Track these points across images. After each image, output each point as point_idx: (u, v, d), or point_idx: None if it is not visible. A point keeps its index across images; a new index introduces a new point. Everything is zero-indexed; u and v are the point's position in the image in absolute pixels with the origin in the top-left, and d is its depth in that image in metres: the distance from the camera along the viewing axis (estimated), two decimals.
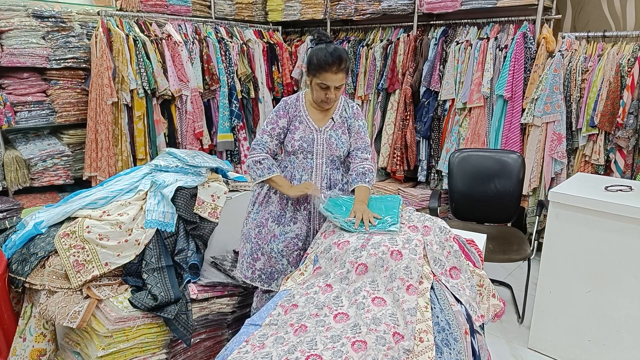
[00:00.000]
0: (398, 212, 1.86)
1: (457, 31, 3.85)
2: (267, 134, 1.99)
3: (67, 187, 3.44)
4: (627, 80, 2.98)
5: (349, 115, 2.04)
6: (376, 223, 1.78)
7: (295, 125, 1.98)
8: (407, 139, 3.96)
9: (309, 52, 1.91)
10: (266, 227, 2.03)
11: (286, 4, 4.64)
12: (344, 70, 1.85)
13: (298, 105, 2.01)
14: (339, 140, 2.00)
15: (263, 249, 2.04)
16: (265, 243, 2.03)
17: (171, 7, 3.91)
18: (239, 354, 1.26)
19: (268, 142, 1.98)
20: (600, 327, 2.26)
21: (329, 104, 1.95)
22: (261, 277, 2.06)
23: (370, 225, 1.75)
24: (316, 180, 2.00)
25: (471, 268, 1.68)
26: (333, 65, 1.81)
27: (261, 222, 2.04)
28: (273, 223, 2.02)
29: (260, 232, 2.04)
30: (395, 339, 1.26)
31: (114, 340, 1.79)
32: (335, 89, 1.88)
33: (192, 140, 3.83)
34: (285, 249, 2.01)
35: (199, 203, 2.29)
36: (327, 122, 2.00)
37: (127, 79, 3.35)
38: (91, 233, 1.96)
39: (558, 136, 3.26)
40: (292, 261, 2.02)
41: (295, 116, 1.99)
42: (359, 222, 1.76)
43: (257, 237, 2.05)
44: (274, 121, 1.99)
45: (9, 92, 3.11)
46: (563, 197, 2.28)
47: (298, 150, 1.99)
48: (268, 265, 2.04)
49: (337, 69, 1.83)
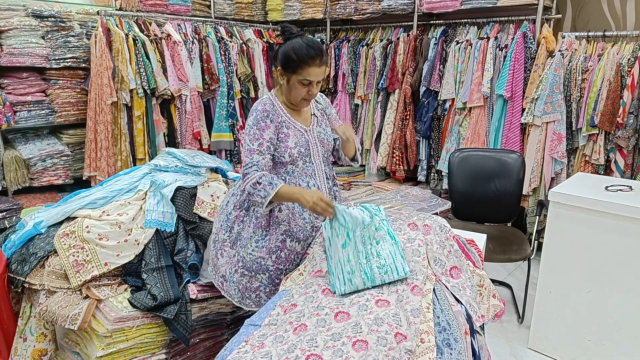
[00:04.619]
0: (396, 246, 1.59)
1: (457, 31, 3.85)
2: (257, 152, 1.72)
3: (67, 187, 3.44)
4: (627, 80, 2.98)
5: (324, 105, 1.99)
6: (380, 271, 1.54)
7: (284, 133, 1.79)
8: (407, 138, 3.96)
9: (282, 50, 1.74)
10: (284, 249, 1.82)
11: (286, 3, 4.63)
12: (326, 62, 1.75)
13: (277, 110, 1.80)
14: (327, 134, 1.93)
15: (287, 269, 1.84)
16: (289, 263, 1.84)
17: (171, 6, 3.90)
18: (239, 354, 1.26)
19: (260, 161, 1.72)
20: (600, 327, 2.26)
21: (309, 101, 1.81)
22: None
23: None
24: (321, 182, 1.90)
25: (471, 268, 1.68)
26: (316, 58, 1.69)
27: (277, 246, 1.81)
28: (293, 242, 1.82)
29: (279, 257, 1.82)
30: (397, 340, 1.26)
31: (114, 340, 1.79)
32: (317, 83, 1.74)
33: (191, 140, 3.83)
34: None
35: (198, 203, 2.28)
36: (311, 120, 1.90)
37: (127, 78, 3.34)
38: (91, 233, 1.95)
39: (558, 136, 3.25)
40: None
41: (280, 123, 1.79)
42: (342, 134, 1.75)
43: (275, 263, 1.82)
44: (258, 136, 1.73)
45: (8, 91, 3.10)
46: (563, 197, 2.28)
47: (297, 158, 1.81)
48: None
49: (321, 61, 1.70)
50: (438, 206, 2.60)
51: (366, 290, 1.51)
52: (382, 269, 1.51)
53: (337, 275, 1.55)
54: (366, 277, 1.52)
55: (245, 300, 1.88)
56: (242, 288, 1.87)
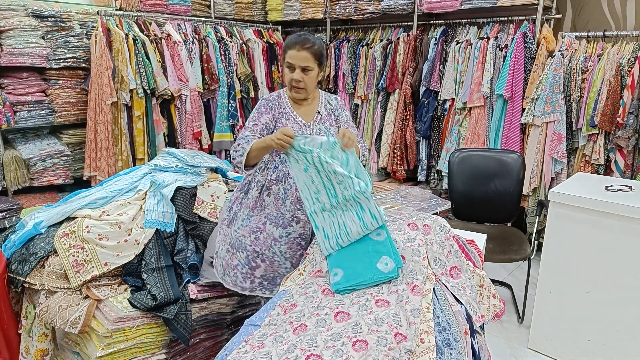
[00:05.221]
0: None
1: (457, 31, 3.85)
2: (249, 130, 1.88)
3: (67, 187, 3.44)
4: (627, 80, 2.98)
5: (334, 106, 2.02)
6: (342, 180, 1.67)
7: (282, 123, 1.92)
8: (407, 138, 3.96)
9: None
10: (264, 231, 1.92)
11: (286, 3, 4.63)
12: (309, 50, 1.83)
13: (281, 102, 1.95)
14: (328, 133, 1.95)
15: (263, 255, 1.94)
16: (266, 248, 1.93)
17: (171, 6, 3.90)
18: (239, 354, 1.26)
19: (249, 137, 1.86)
20: (600, 327, 2.26)
21: (298, 88, 1.89)
22: (262, 285, 1.98)
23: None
24: None
25: (471, 268, 1.68)
26: (297, 44, 1.83)
27: (257, 227, 1.93)
28: (271, 226, 1.92)
29: (258, 238, 1.93)
30: (397, 340, 1.26)
31: (114, 340, 1.79)
32: (302, 70, 1.84)
33: (191, 140, 3.83)
34: (288, 250, 1.93)
35: (198, 203, 2.28)
36: (314, 116, 1.96)
37: (127, 78, 3.34)
38: (91, 233, 1.95)
39: (558, 136, 3.25)
40: (295, 263, 1.95)
41: (281, 113, 1.93)
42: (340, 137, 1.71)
43: (253, 243, 1.93)
44: (255, 118, 1.91)
45: (8, 91, 3.11)
46: (563, 197, 2.28)
47: None
48: (270, 271, 1.96)
49: (301, 47, 1.83)
50: (438, 206, 2.61)
51: (366, 290, 1.51)
52: (341, 185, 1.66)
53: (306, 196, 1.73)
54: (330, 194, 1.68)
55: (226, 277, 2.03)
56: (225, 264, 2.03)
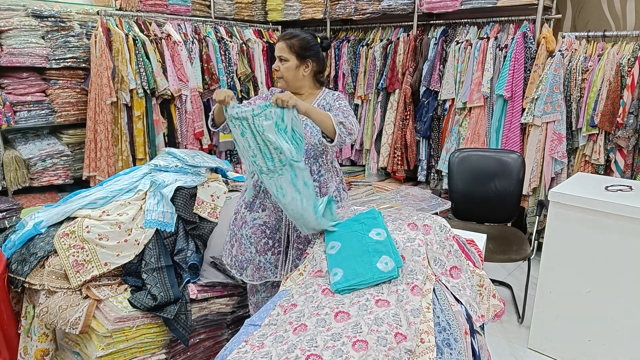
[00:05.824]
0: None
1: (457, 31, 3.85)
2: None
3: (67, 187, 3.44)
4: (627, 80, 2.98)
5: (329, 101, 2.01)
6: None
7: None
8: (407, 138, 3.96)
9: None
10: (240, 213, 2.06)
11: (286, 3, 4.63)
12: (284, 41, 1.94)
13: (274, 92, 2.06)
14: (314, 127, 1.94)
15: (236, 235, 2.06)
16: (238, 229, 2.06)
17: (171, 6, 3.90)
18: (238, 354, 1.26)
19: None
20: (600, 327, 2.26)
21: (282, 83, 2.00)
22: (235, 264, 2.08)
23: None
24: None
25: (471, 268, 1.68)
26: (281, 37, 1.97)
27: (237, 208, 2.08)
28: (245, 209, 2.03)
29: (236, 218, 2.07)
30: (397, 340, 1.26)
31: (114, 340, 1.79)
32: (280, 60, 1.95)
33: (191, 140, 3.83)
34: (253, 235, 2.01)
35: (198, 203, 2.28)
36: None
37: (127, 78, 3.34)
38: (90, 233, 1.95)
39: (558, 136, 3.25)
40: (259, 250, 2.00)
41: None
42: (274, 101, 1.66)
43: (233, 223, 2.09)
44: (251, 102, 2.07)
45: (8, 91, 3.10)
46: (563, 197, 2.28)
47: None
48: (239, 252, 2.05)
49: (281, 38, 1.96)
50: (438, 206, 2.60)
51: (366, 290, 1.50)
52: (278, 150, 1.69)
53: (247, 158, 1.79)
54: (266, 158, 1.72)
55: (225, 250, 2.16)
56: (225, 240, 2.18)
